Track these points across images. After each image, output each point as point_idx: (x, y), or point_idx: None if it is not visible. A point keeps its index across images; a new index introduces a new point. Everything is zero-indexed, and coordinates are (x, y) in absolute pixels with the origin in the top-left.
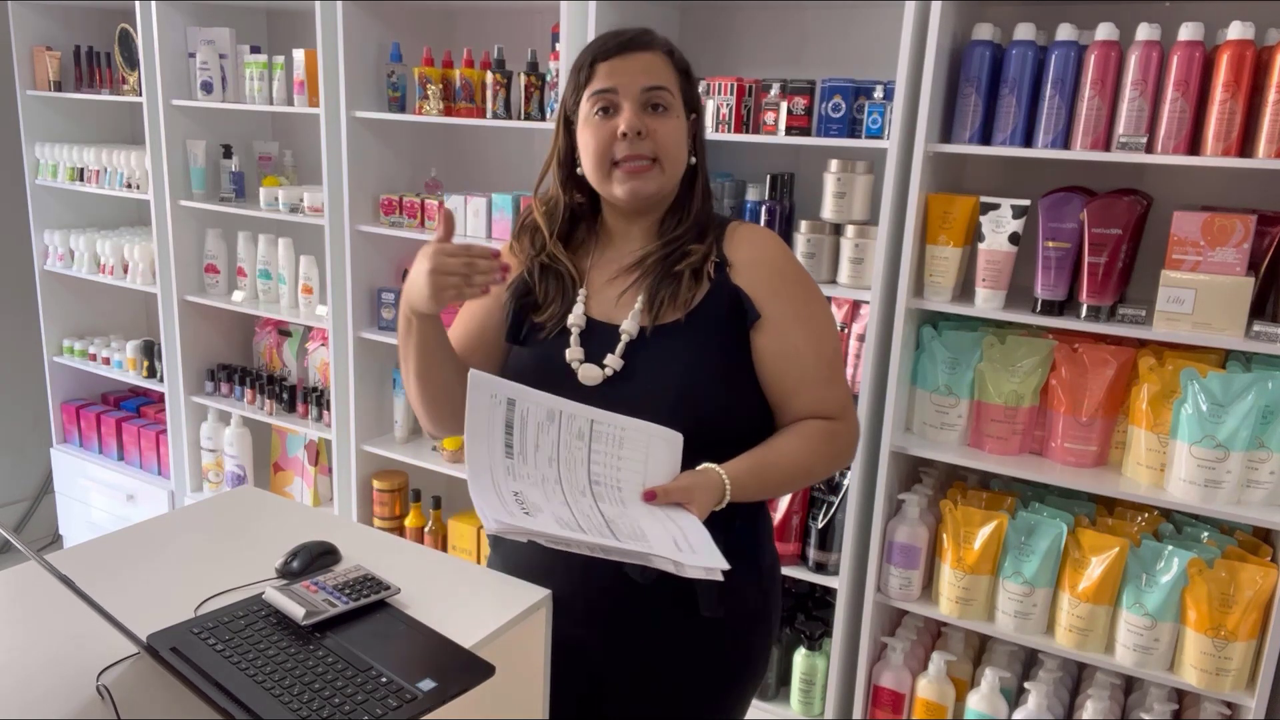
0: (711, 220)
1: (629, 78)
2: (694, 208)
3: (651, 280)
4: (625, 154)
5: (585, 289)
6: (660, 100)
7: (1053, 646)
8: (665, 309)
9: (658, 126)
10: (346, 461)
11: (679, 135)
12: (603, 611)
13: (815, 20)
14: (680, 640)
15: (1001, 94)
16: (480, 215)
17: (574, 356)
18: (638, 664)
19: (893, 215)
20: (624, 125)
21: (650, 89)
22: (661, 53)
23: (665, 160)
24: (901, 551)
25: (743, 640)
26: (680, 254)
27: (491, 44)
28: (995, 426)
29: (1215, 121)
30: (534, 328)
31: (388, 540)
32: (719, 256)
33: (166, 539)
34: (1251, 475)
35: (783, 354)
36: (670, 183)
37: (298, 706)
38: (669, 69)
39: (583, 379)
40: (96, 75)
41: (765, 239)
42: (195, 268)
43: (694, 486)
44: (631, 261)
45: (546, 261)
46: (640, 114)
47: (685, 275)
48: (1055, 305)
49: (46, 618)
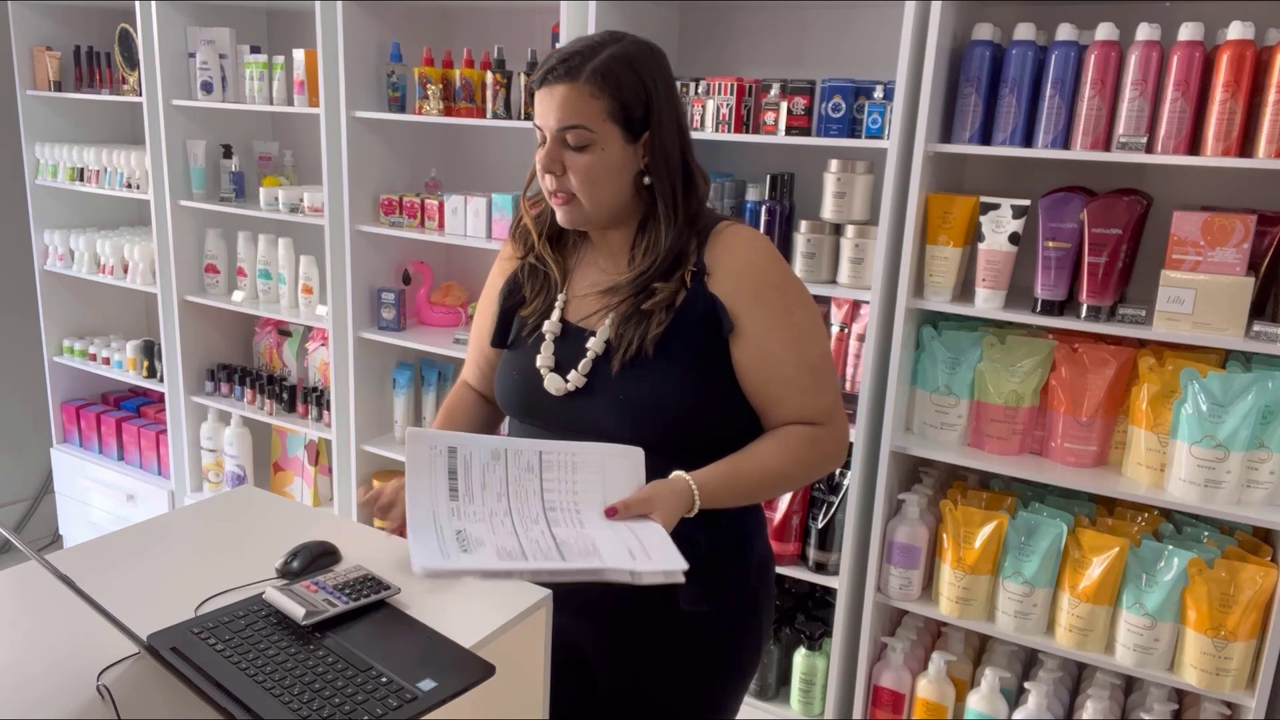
0: (696, 227)
1: (546, 116)
2: (660, 232)
3: (618, 316)
4: (549, 188)
5: (565, 293)
6: (575, 139)
7: (1053, 646)
8: (629, 349)
9: (571, 163)
10: (346, 461)
11: (598, 170)
12: (595, 606)
13: (815, 20)
14: (670, 635)
15: (1001, 94)
16: (480, 215)
17: (543, 364)
18: (629, 659)
19: (893, 215)
20: (539, 163)
21: (565, 129)
22: (580, 84)
23: (582, 196)
24: (901, 551)
25: (731, 635)
26: (648, 293)
27: (491, 44)
28: (995, 426)
29: (1215, 121)
30: (520, 326)
31: (388, 540)
32: (698, 264)
33: (166, 539)
34: (1251, 475)
35: (761, 364)
36: (599, 212)
37: (298, 706)
38: (588, 101)
39: (548, 387)
40: (96, 75)
41: (749, 245)
42: (195, 268)
43: (655, 496)
44: (605, 286)
45: (534, 262)
46: (558, 149)
47: (654, 314)
48: (1055, 305)
49: (46, 618)
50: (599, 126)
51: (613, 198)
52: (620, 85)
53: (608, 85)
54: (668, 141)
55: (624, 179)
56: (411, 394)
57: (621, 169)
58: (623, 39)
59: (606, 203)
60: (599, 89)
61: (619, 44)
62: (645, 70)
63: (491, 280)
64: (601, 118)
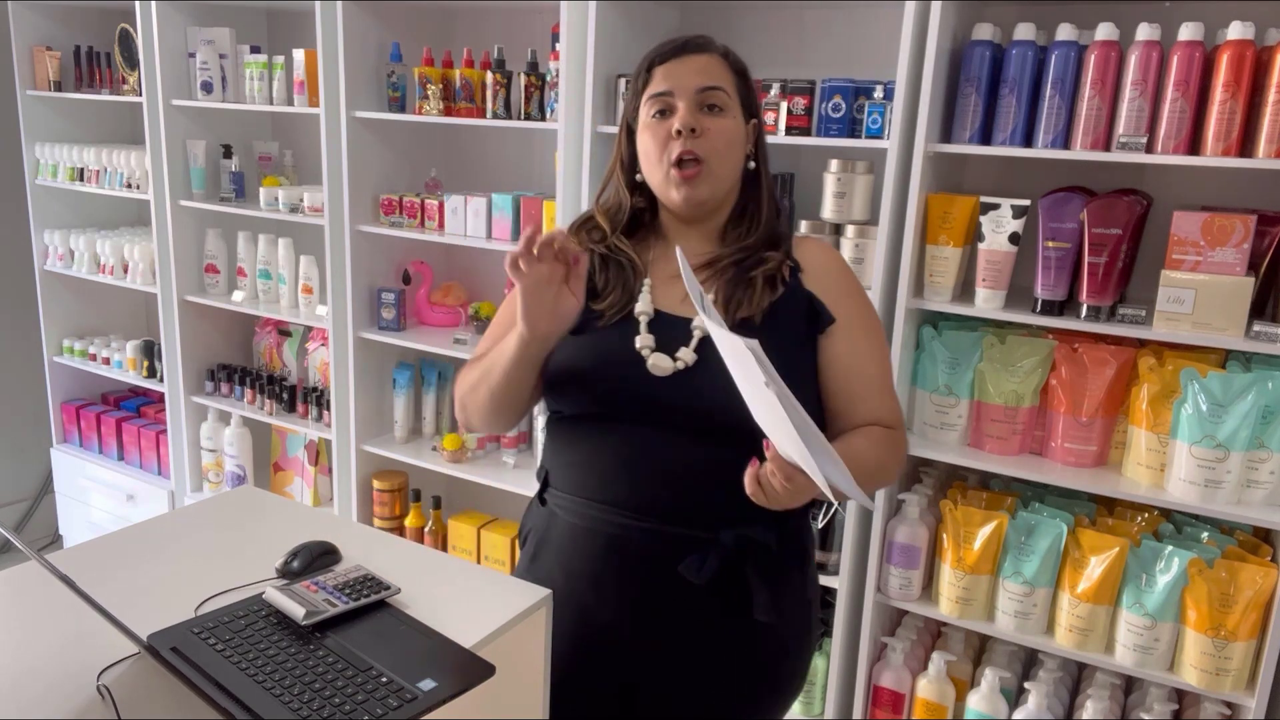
0: (781, 231)
1: (684, 79)
2: (762, 216)
3: (725, 282)
4: (679, 152)
5: (649, 280)
6: (715, 100)
7: (1053, 646)
8: (739, 311)
9: (710, 125)
10: (346, 461)
11: (733, 135)
12: (646, 611)
13: (815, 20)
14: (725, 643)
15: (1001, 94)
16: (480, 215)
17: (644, 344)
18: (675, 668)
19: (893, 215)
20: (678, 122)
21: (705, 89)
22: (717, 55)
23: (713, 159)
24: (901, 551)
25: (783, 648)
26: (756, 260)
27: (491, 44)
28: (995, 426)
29: (1215, 121)
30: (590, 315)
31: (388, 540)
32: (793, 262)
33: (166, 539)
34: (1251, 475)
35: (850, 359)
36: (722, 186)
37: (298, 706)
38: (725, 70)
39: (652, 368)
40: (96, 75)
41: (832, 252)
42: (195, 268)
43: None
44: (698, 264)
45: (607, 252)
46: (694, 112)
47: (759, 281)
48: (1055, 305)
49: (46, 618)
50: (731, 94)
51: (733, 170)
52: (739, 63)
53: (731, 61)
54: (764, 133)
55: (741, 155)
56: (411, 394)
57: (742, 142)
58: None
59: (729, 175)
60: (728, 62)
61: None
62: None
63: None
64: (731, 87)
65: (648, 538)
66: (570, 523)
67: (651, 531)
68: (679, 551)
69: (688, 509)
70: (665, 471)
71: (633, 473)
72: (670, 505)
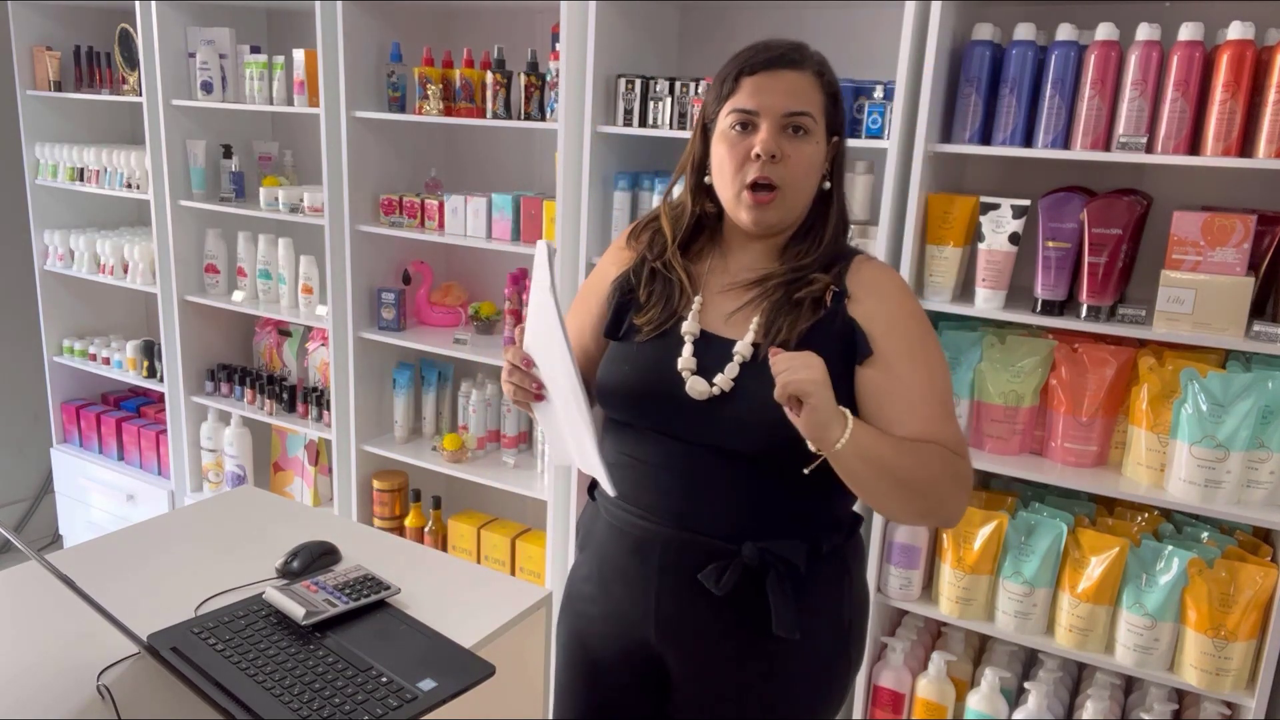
0: (841, 251)
1: (772, 98)
2: (826, 236)
3: (770, 305)
4: (755, 176)
5: (700, 297)
6: (801, 124)
7: (1053, 646)
8: (778, 336)
9: (792, 152)
10: (346, 461)
11: (812, 162)
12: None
13: (815, 20)
14: (757, 661)
15: (1001, 94)
16: (480, 215)
17: (685, 366)
18: (712, 681)
19: (893, 215)
20: (759, 147)
21: (792, 114)
22: (811, 73)
23: (789, 188)
24: (901, 551)
25: (820, 667)
26: (805, 281)
27: (491, 44)
28: (995, 426)
29: (1215, 121)
30: (632, 326)
31: (388, 540)
32: (840, 286)
33: (166, 539)
34: (1251, 475)
35: (885, 384)
36: (793, 213)
37: (298, 706)
38: (816, 91)
39: (689, 390)
40: (96, 75)
41: (890, 276)
42: (195, 268)
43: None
44: (751, 279)
45: (659, 267)
46: (777, 136)
47: (805, 304)
48: (1055, 305)
49: (46, 618)
50: (818, 118)
51: (808, 197)
52: (832, 83)
53: (824, 79)
54: (844, 150)
55: (817, 179)
56: (411, 394)
57: (820, 165)
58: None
59: (803, 202)
60: (820, 82)
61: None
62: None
63: (603, 268)
64: (819, 110)
65: (673, 545)
66: (607, 521)
67: (677, 539)
68: (703, 561)
69: (713, 520)
70: (693, 484)
71: (661, 482)
72: (695, 516)
